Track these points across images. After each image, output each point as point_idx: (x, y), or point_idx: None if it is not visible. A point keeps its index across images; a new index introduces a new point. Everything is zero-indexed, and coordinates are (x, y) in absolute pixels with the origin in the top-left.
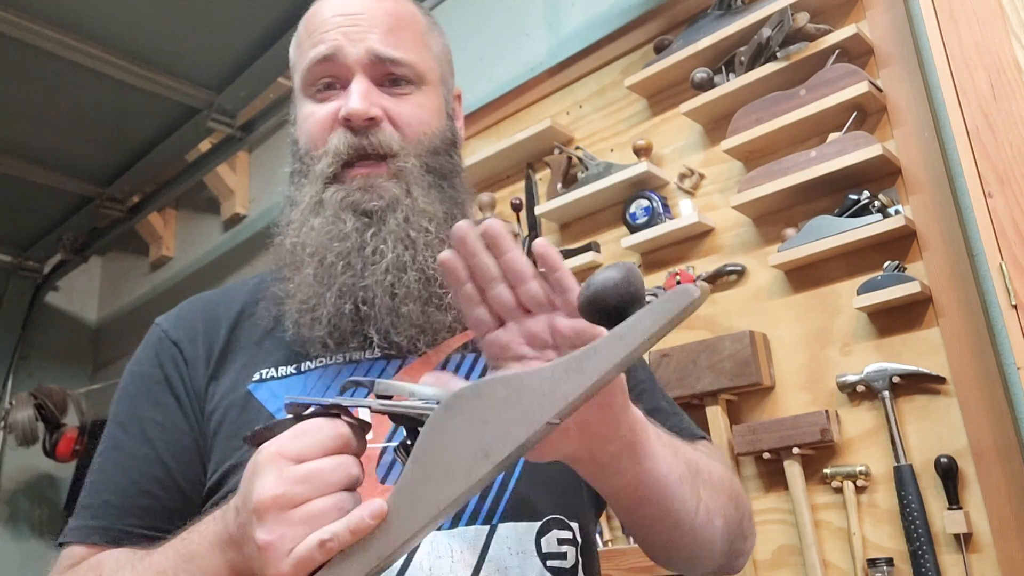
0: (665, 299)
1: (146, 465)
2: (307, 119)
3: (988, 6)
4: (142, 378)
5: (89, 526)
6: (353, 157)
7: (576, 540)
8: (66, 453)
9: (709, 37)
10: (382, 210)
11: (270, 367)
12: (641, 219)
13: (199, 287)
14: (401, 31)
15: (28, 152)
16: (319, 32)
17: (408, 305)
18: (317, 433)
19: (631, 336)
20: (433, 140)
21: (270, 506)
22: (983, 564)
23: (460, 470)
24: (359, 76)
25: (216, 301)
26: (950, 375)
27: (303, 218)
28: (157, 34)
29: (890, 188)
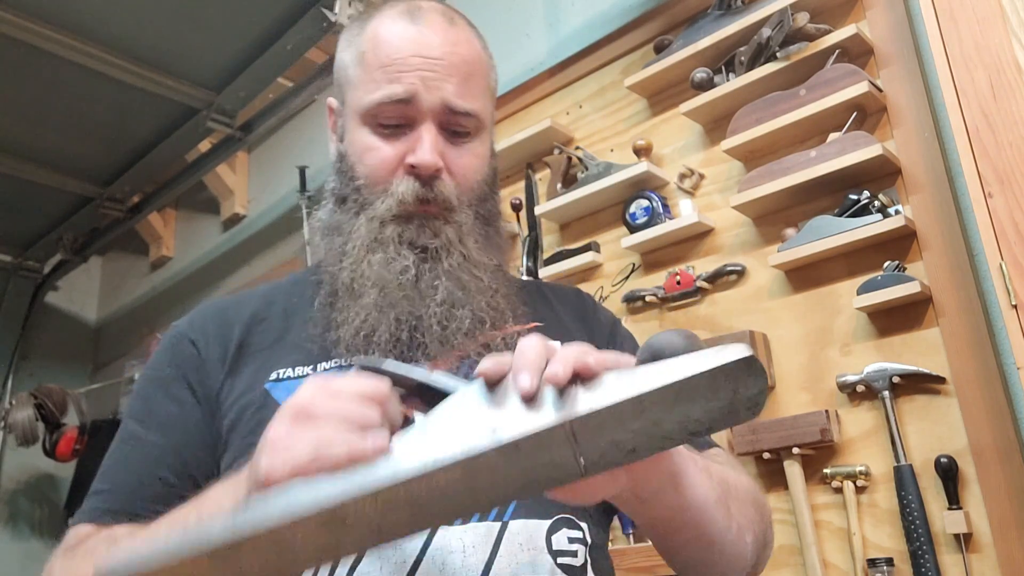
0: (716, 349)
1: (161, 454)
2: (368, 152)
3: (988, 6)
4: (159, 376)
5: (100, 508)
6: (415, 205)
7: (586, 540)
8: (66, 453)
9: (709, 37)
10: (437, 248)
11: (287, 367)
12: (641, 219)
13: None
14: (472, 80)
15: (28, 152)
16: (395, 69)
17: (457, 339)
18: (361, 381)
19: (674, 369)
20: (483, 186)
21: (291, 412)
22: (983, 564)
23: (463, 438)
24: (429, 124)
25: (228, 306)
26: (950, 375)
27: (360, 254)
28: (157, 34)
29: (890, 188)
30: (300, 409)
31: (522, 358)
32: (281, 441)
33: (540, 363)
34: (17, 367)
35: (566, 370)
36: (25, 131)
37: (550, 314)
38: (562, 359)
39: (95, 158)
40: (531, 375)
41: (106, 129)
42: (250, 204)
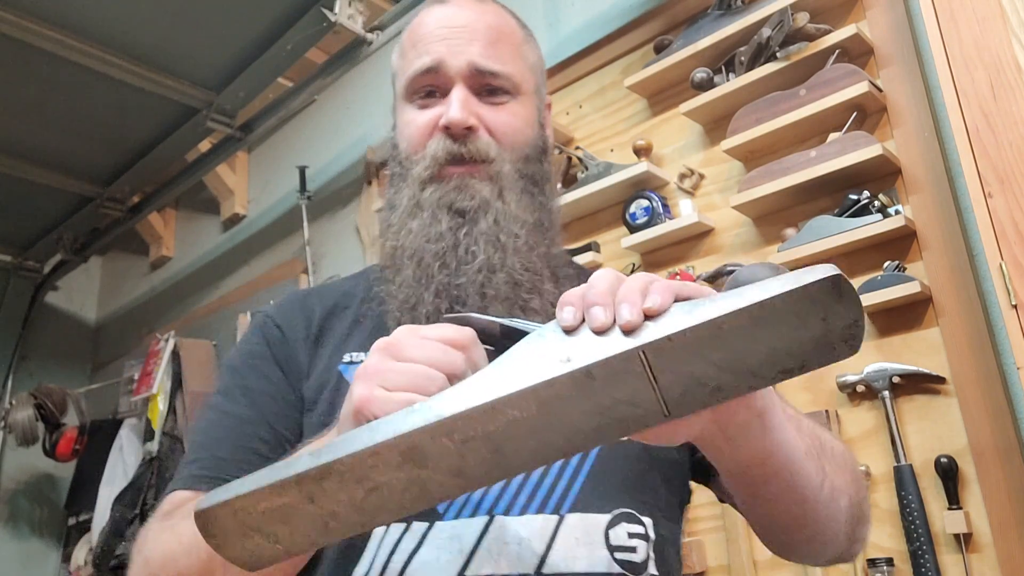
0: (798, 272)
1: (252, 426)
2: (408, 125)
3: (988, 6)
4: (248, 354)
5: (195, 475)
6: (450, 161)
7: (648, 536)
8: (66, 453)
9: (709, 37)
10: (474, 210)
11: (359, 350)
12: (641, 219)
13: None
14: (500, 44)
15: (28, 152)
16: (423, 43)
17: (496, 305)
18: (449, 327)
19: (750, 293)
20: (525, 148)
21: (383, 348)
22: (983, 564)
23: (539, 367)
24: (459, 86)
25: (310, 294)
26: (950, 375)
27: (402, 221)
28: (157, 34)
29: (890, 188)
30: (392, 346)
31: (593, 292)
32: (374, 371)
33: (611, 295)
34: (17, 367)
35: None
36: (25, 131)
37: None
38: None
39: (95, 158)
40: (603, 308)
41: (106, 129)
42: (250, 204)
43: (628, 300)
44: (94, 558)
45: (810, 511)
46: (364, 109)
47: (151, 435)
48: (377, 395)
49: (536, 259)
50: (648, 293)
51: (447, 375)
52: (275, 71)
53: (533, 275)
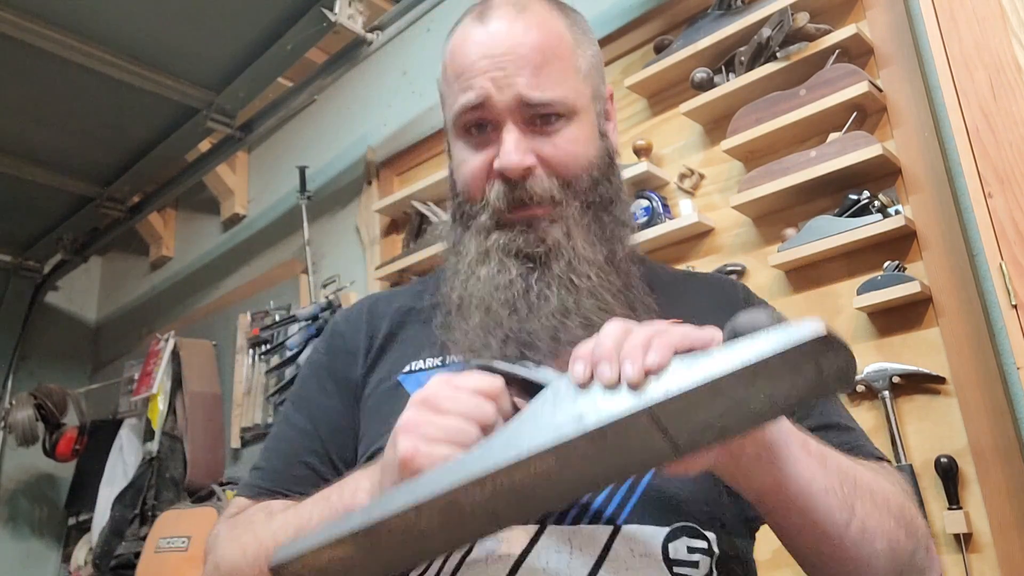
0: (790, 328)
1: (306, 439)
2: (462, 165)
3: (988, 6)
4: (314, 364)
5: (256, 485)
6: (511, 208)
7: (712, 551)
8: (66, 453)
9: (709, 37)
10: (545, 255)
11: (419, 360)
12: (641, 219)
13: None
14: (548, 67)
15: (28, 152)
16: (466, 77)
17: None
18: (479, 377)
19: (745, 351)
20: (590, 171)
21: (421, 401)
22: (983, 564)
23: (553, 426)
24: (509, 125)
25: (382, 299)
26: (950, 375)
27: (470, 268)
28: (157, 34)
29: (890, 188)
30: (426, 400)
31: (600, 348)
32: (415, 425)
33: (617, 350)
34: (17, 367)
35: (636, 369)
36: (25, 131)
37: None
38: (632, 351)
39: (95, 158)
40: (609, 364)
41: (106, 129)
42: (250, 204)
43: (631, 357)
44: (94, 558)
45: (836, 548)
46: (364, 109)
47: (151, 435)
48: (421, 450)
49: (610, 298)
50: (649, 349)
51: (480, 425)
52: (275, 71)
53: (606, 312)
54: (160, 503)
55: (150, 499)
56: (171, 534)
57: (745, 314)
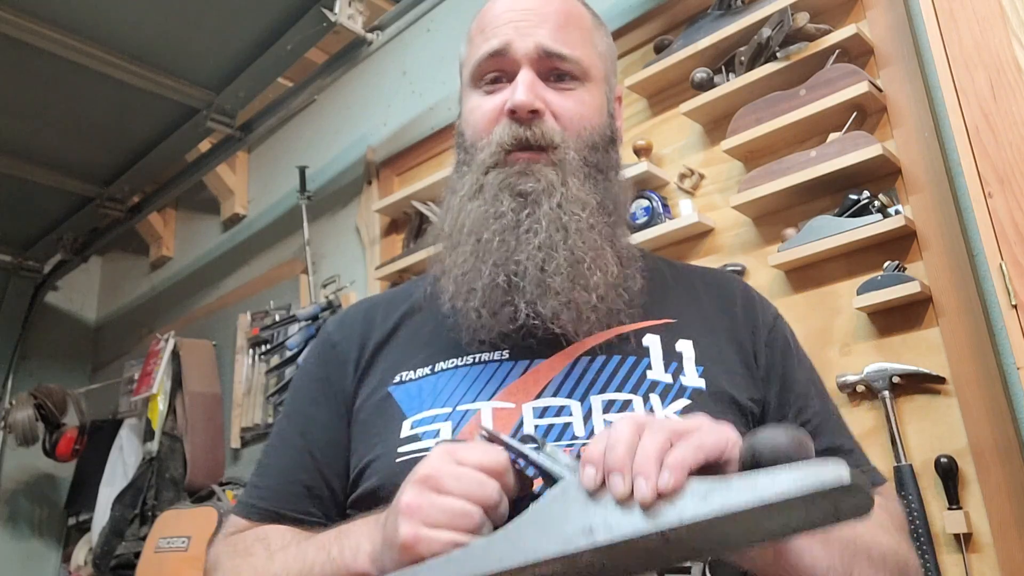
0: (814, 469)
1: (299, 455)
2: (473, 111)
3: (988, 6)
4: (306, 375)
5: (252, 504)
6: (515, 147)
7: None
8: (66, 453)
9: (709, 37)
10: (537, 193)
11: (410, 370)
12: (641, 219)
13: (199, 287)
14: (569, 28)
15: (28, 152)
16: (491, 28)
17: (555, 279)
18: (484, 452)
19: (764, 489)
20: (593, 135)
21: (423, 480)
22: (983, 564)
23: (562, 535)
24: (525, 69)
25: (379, 303)
26: (950, 375)
27: (462, 203)
28: (157, 34)
29: (890, 188)
30: (428, 479)
31: (612, 455)
32: (416, 507)
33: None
34: (17, 367)
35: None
36: (25, 131)
37: (688, 304)
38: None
39: (95, 158)
40: (622, 477)
41: (106, 129)
42: (250, 204)
43: (644, 473)
44: (94, 558)
45: None
46: (364, 109)
47: (151, 435)
48: (422, 535)
49: (597, 237)
50: (664, 466)
51: (484, 506)
52: (275, 71)
53: (594, 252)
54: (160, 503)
55: (150, 499)
56: (171, 534)
57: (765, 432)
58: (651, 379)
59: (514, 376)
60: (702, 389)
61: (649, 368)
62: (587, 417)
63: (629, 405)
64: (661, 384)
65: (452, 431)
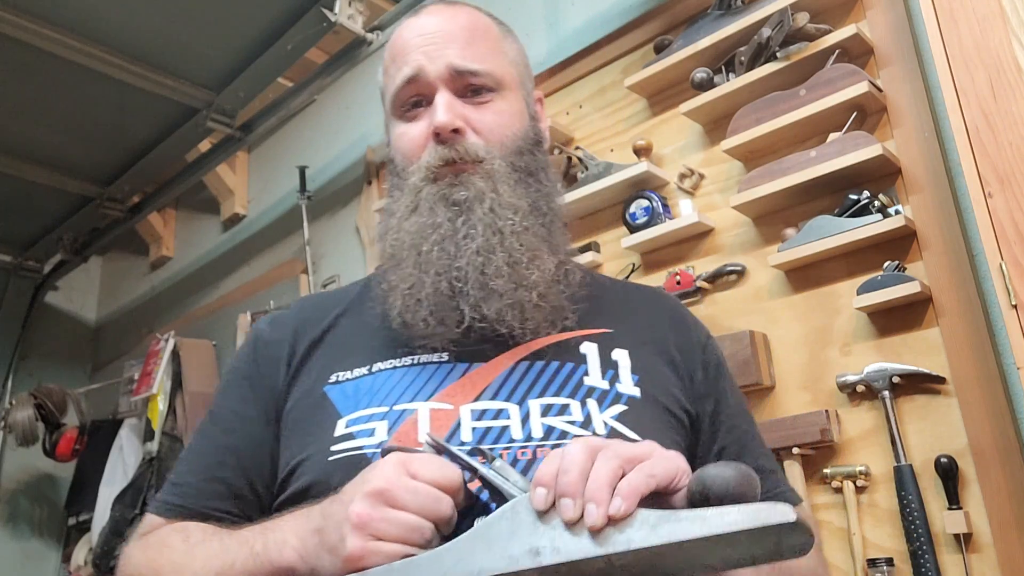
0: (761, 507)
1: (223, 453)
2: (400, 138)
3: (988, 6)
4: (235, 373)
5: (171, 503)
6: (443, 166)
7: None
8: (66, 453)
9: (709, 37)
10: (470, 200)
11: (346, 370)
12: (641, 219)
13: (199, 287)
14: (476, 42)
15: (28, 152)
16: (401, 56)
17: (497, 281)
18: (439, 467)
19: (713, 522)
20: (516, 141)
21: (377, 492)
22: (983, 564)
23: (508, 554)
24: (441, 90)
25: (315, 303)
26: (950, 375)
27: (399, 223)
28: (157, 34)
29: (890, 188)
30: (382, 493)
31: (565, 479)
32: (368, 520)
33: (582, 483)
34: (17, 367)
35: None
36: (25, 131)
37: (620, 318)
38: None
39: (95, 158)
40: (573, 502)
41: (106, 129)
42: (250, 204)
43: (595, 499)
44: (94, 558)
45: None
46: (364, 109)
47: (151, 435)
48: (370, 548)
49: (532, 238)
50: (616, 492)
51: (435, 522)
52: (275, 71)
53: (531, 252)
54: None
55: (150, 499)
56: None
57: (715, 468)
58: (588, 384)
59: (453, 378)
60: (637, 397)
61: (587, 374)
62: (525, 420)
63: (567, 409)
64: (598, 390)
65: (388, 430)
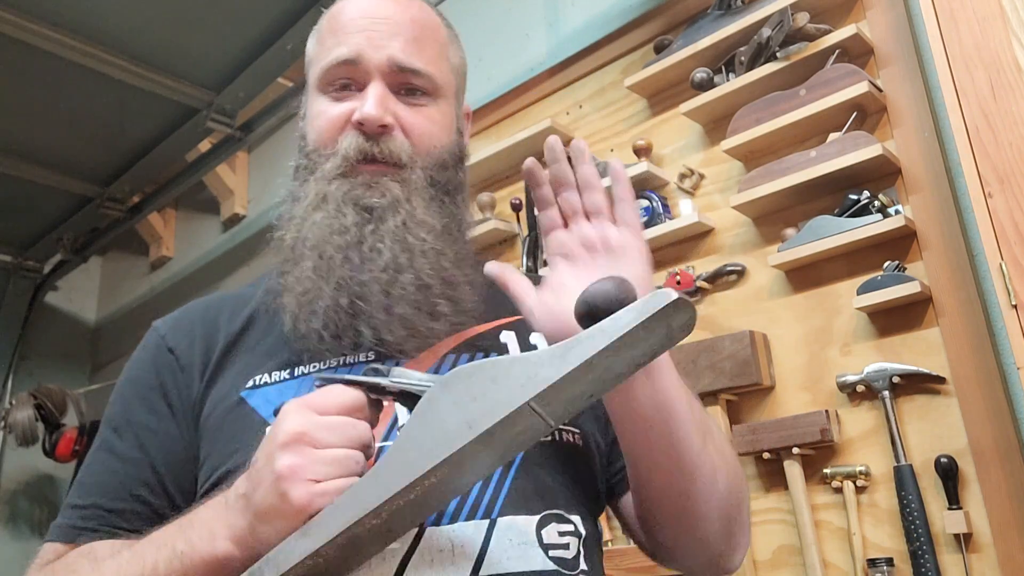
0: (645, 299)
1: (137, 470)
2: (318, 116)
3: (988, 6)
4: (137, 383)
5: (77, 526)
6: (361, 160)
7: (578, 532)
8: (66, 453)
9: (709, 37)
10: (382, 208)
11: (264, 373)
12: (641, 219)
13: (199, 287)
14: (423, 41)
15: (28, 152)
16: (343, 32)
17: (402, 306)
18: (340, 395)
19: (611, 328)
20: (442, 153)
21: (295, 440)
22: (983, 564)
23: (446, 438)
24: (376, 81)
25: (219, 305)
26: (950, 375)
27: (305, 213)
28: (157, 34)
29: (890, 188)
30: (301, 436)
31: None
32: (300, 468)
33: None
34: (17, 367)
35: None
36: (25, 131)
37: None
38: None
39: (95, 158)
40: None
41: (106, 129)
42: (250, 204)
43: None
44: None
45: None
46: None
47: None
48: (315, 491)
49: (447, 264)
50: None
51: (361, 448)
52: (275, 71)
53: (443, 282)
54: None
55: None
56: None
57: (594, 286)
58: None
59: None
60: None
61: None
62: None
63: None
64: None
65: None
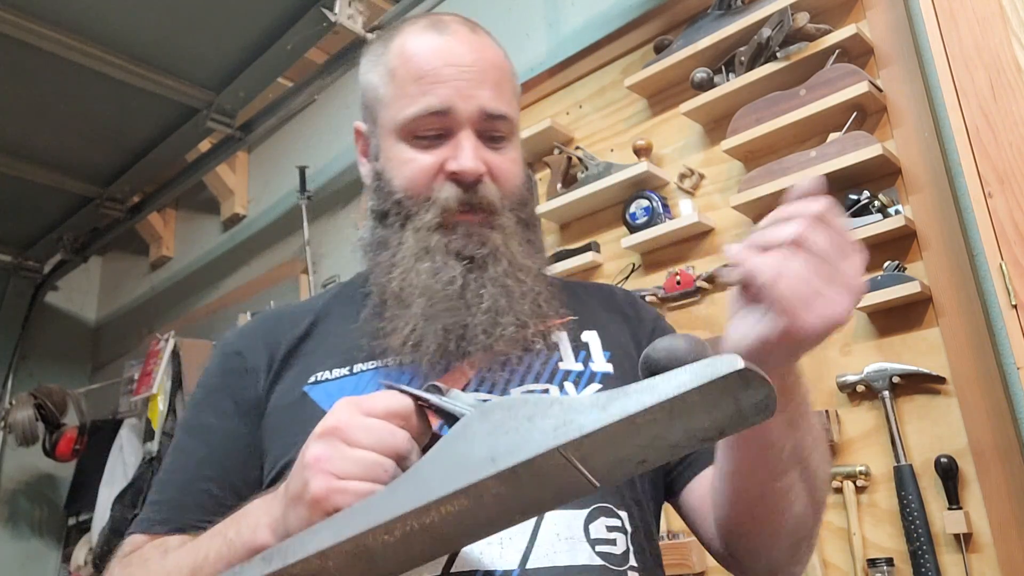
0: (706, 361)
1: (204, 465)
2: (406, 164)
3: (988, 6)
4: (207, 388)
5: (152, 519)
6: (460, 211)
7: (625, 528)
8: (66, 453)
9: (709, 37)
10: (483, 257)
11: (325, 370)
12: (641, 219)
13: (199, 287)
14: (503, 84)
15: (28, 152)
16: (427, 81)
17: (500, 345)
18: (387, 400)
19: (663, 386)
20: (522, 191)
21: (330, 432)
22: (983, 564)
23: (466, 467)
24: (468, 131)
25: (280, 316)
26: (950, 375)
27: (408, 264)
28: (157, 34)
29: (890, 188)
30: (336, 430)
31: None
32: (327, 460)
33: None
34: (17, 367)
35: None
36: (25, 131)
37: (582, 308)
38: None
39: (95, 158)
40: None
41: (106, 129)
42: (250, 204)
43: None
44: (94, 558)
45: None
46: None
47: (151, 435)
48: (335, 487)
49: (543, 303)
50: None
51: (395, 455)
52: (275, 71)
53: (539, 319)
54: None
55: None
56: None
57: (662, 341)
58: (563, 369)
59: (435, 376)
60: (610, 373)
61: (560, 360)
62: None
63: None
64: (573, 372)
65: None
